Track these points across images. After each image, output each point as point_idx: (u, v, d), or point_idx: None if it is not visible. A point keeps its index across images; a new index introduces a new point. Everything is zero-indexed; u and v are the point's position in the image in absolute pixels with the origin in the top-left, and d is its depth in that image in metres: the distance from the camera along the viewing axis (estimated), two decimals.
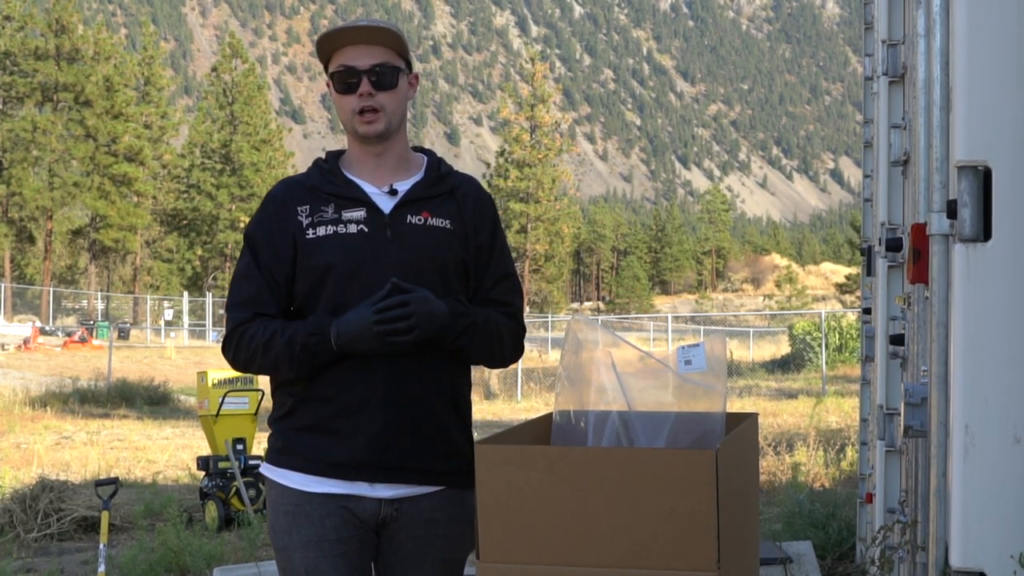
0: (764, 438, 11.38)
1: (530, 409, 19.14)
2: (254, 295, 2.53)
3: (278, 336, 2.47)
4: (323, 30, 2.58)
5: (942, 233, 1.91)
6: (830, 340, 28.90)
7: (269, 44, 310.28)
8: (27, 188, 50.23)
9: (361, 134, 2.55)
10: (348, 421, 2.47)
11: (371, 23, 2.53)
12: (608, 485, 1.99)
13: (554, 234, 60.32)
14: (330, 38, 2.55)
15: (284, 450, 2.54)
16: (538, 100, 59.92)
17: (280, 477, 2.54)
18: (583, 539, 2.00)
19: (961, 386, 1.77)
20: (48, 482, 8.81)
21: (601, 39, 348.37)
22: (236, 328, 2.53)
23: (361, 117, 2.53)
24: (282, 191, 2.59)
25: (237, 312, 2.54)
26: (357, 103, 2.52)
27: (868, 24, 5.49)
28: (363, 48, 2.53)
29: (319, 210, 2.53)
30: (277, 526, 2.54)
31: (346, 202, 2.54)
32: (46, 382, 23.10)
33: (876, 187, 4.40)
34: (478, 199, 2.65)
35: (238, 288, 2.57)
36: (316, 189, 2.56)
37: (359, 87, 2.52)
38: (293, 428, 2.53)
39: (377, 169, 2.58)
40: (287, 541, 2.51)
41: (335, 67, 2.55)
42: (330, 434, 2.48)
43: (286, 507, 2.52)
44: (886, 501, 4.14)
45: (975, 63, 1.76)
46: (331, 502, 2.48)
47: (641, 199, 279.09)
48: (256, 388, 9.41)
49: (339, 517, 2.48)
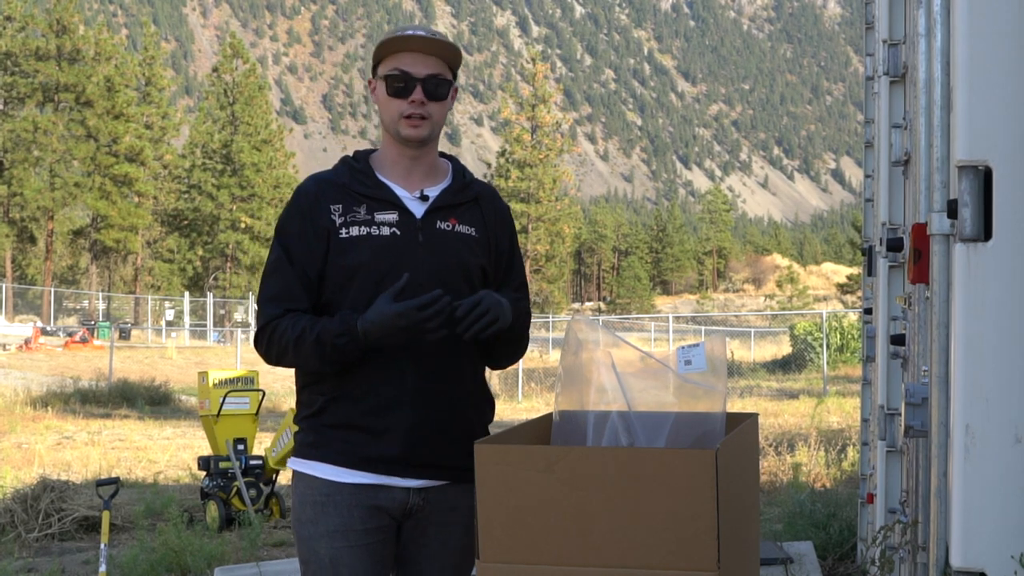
0: (765, 438, 11.38)
1: (530, 409, 19.16)
2: (285, 290, 2.57)
3: (307, 333, 2.50)
4: (387, 33, 2.62)
5: (943, 233, 1.91)
6: (831, 340, 28.89)
7: (270, 44, 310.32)
8: (28, 188, 50.24)
9: (404, 136, 2.59)
10: (379, 419, 2.53)
11: (432, 35, 2.60)
12: (608, 485, 1.98)
13: (555, 234, 60.28)
14: (392, 43, 2.60)
15: (315, 444, 2.58)
16: (539, 100, 59.91)
17: (309, 468, 2.58)
18: (583, 539, 2.00)
19: (962, 386, 1.77)
20: (49, 482, 8.81)
21: (602, 39, 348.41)
22: (268, 324, 2.57)
23: (408, 120, 2.58)
24: (314, 187, 2.62)
25: (268, 307, 2.58)
26: (407, 108, 2.57)
27: (869, 24, 5.49)
28: (420, 56, 2.58)
29: (352, 210, 2.58)
30: (303, 516, 2.57)
31: (378, 204, 2.59)
32: (47, 382, 23.11)
33: (877, 187, 4.40)
34: (500, 208, 2.74)
35: (269, 283, 2.61)
36: (347, 188, 2.60)
37: (412, 94, 2.57)
38: (324, 425, 2.58)
39: (410, 173, 2.64)
40: (312, 531, 2.55)
41: (390, 70, 2.59)
42: (361, 431, 2.53)
43: (314, 497, 2.55)
44: (887, 501, 4.14)
45: (976, 63, 1.75)
46: (360, 492, 2.53)
47: (642, 199, 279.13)
48: (257, 388, 9.41)
49: (366, 508, 2.53)
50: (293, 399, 19.17)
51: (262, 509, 8.82)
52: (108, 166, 51.96)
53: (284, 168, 58.53)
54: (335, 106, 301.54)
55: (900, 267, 3.92)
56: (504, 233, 2.72)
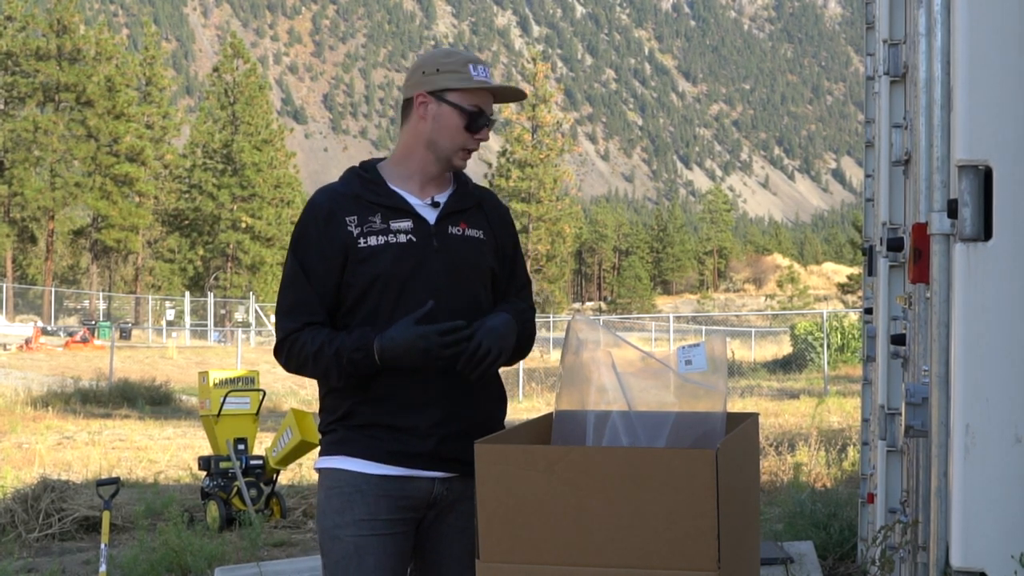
0: (766, 438, 11.38)
1: (531, 409, 19.16)
2: (302, 302, 2.65)
3: (326, 347, 2.59)
4: (456, 58, 2.73)
5: (943, 232, 1.90)
6: (832, 340, 28.87)
7: (271, 44, 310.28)
8: (29, 188, 50.22)
9: (455, 166, 2.73)
10: (405, 417, 2.61)
11: (509, 88, 2.77)
12: (608, 485, 1.98)
13: (556, 234, 60.24)
14: (473, 79, 2.68)
15: (342, 441, 2.65)
16: (540, 100, 59.84)
17: (337, 463, 2.65)
18: (583, 539, 2.00)
19: (962, 386, 1.77)
20: (50, 482, 8.81)
21: (603, 39, 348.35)
22: (287, 337, 2.65)
23: (465, 153, 2.71)
24: (327, 200, 2.69)
25: (287, 321, 2.67)
26: (472, 143, 2.71)
27: (869, 24, 5.49)
28: (488, 97, 2.72)
29: (367, 220, 2.65)
30: (329, 508, 2.63)
31: (392, 212, 2.67)
32: (48, 382, 23.10)
33: (877, 187, 4.40)
34: (501, 211, 2.85)
35: (286, 295, 2.69)
36: (360, 198, 2.68)
37: (481, 132, 2.70)
38: (351, 427, 2.65)
39: (424, 184, 2.72)
40: (338, 520, 2.61)
41: (471, 106, 2.68)
42: (388, 430, 2.62)
43: (342, 488, 2.62)
44: (887, 501, 4.14)
45: (976, 62, 1.75)
46: (388, 484, 2.60)
47: (643, 199, 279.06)
48: (257, 388, 9.41)
49: (393, 500, 2.60)
50: (293, 399, 19.18)
51: (262, 509, 8.82)
52: (109, 166, 51.94)
53: (285, 168, 58.52)
54: (336, 106, 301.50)
55: (900, 267, 3.92)
56: (507, 235, 2.82)
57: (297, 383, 22.64)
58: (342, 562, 2.59)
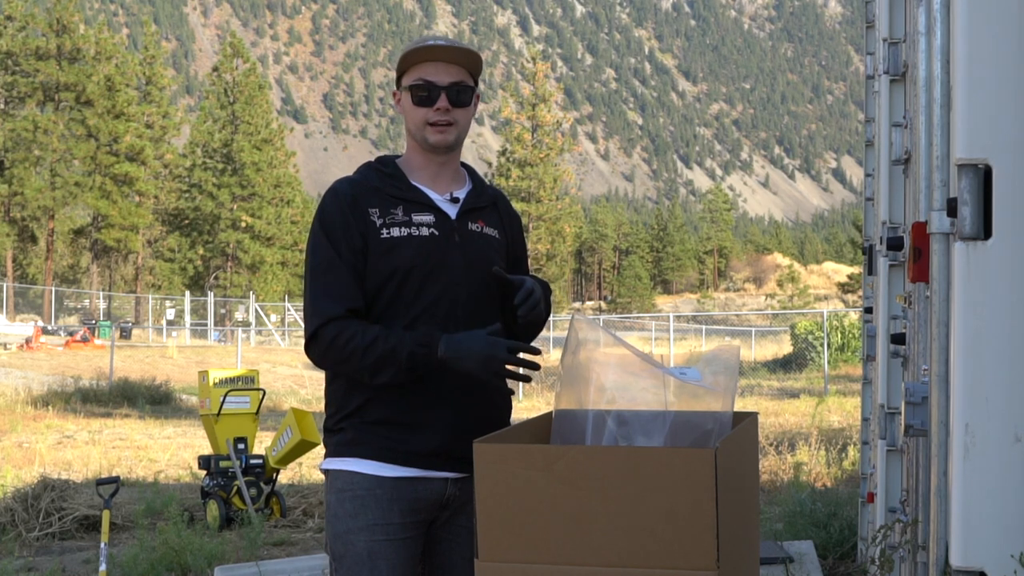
0: (766, 437, 11.39)
1: (531, 408, 19.14)
2: (344, 288, 2.59)
3: (380, 342, 2.53)
4: (408, 44, 2.73)
5: (943, 231, 1.90)
6: (832, 339, 28.88)
7: (271, 44, 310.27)
8: (29, 188, 50.20)
9: (432, 143, 2.68)
10: (420, 414, 2.60)
11: (453, 44, 2.68)
12: (607, 484, 1.98)
13: (556, 233, 60.22)
14: (414, 54, 2.67)
15: (355, 441, 2.62)
16: (540, 99, 59.81)
17: (350, 465, 2.62)
18: (582, 538, 2.00)
19: (962, 385, 1.76)
20: (50, 481, 8.81)
21: (603, 38, 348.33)
22: (327, 323, 2.56)
23: (434, 127, 2.66)
24: (350, 189, 2.67)
25: (327, 305, 2.57)
26: (433, 115, 2.65)
27: (869, 23, 5.49)
28: (442, 65, 2.66)
29: (389, 212, 2.64)
30: (342, 511, 2.60)
31: (414, 206, 2.66)
32: (48, 381, 23.10)
33: (877, 186, 4.39)
34: (512, 212, 2.88)
35: (324, 280, 2.59)
36: (380, 191, 2.67)
37: (436, 102, 2.65)
38: (365, 422, 2.62)
39: (438, 177, 2.72)
40: (351, 525, 2.58)
41: (414, 80, 2.67)
42: (403, 427, 2.60)
43: (355, 491, 2.59)
44: (887, 500, 4.14)
45: (976, 61, 1.75)
46: (401, 486, 2.58)
47: (643, 198, 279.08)
48: (257, 388, 9.41)
49: (406, 503, 2.59)
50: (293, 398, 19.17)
51: (262, 508, 8.82)
52: (109, 165, 51.91)
53: (285, 167, 58.48)
54: (336, 105, 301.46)
55: (900, 266, 3.92)
56: (518, 237, 2.86)
57: (297, 383, 22.62)
58: (355, 567, 2.57)
